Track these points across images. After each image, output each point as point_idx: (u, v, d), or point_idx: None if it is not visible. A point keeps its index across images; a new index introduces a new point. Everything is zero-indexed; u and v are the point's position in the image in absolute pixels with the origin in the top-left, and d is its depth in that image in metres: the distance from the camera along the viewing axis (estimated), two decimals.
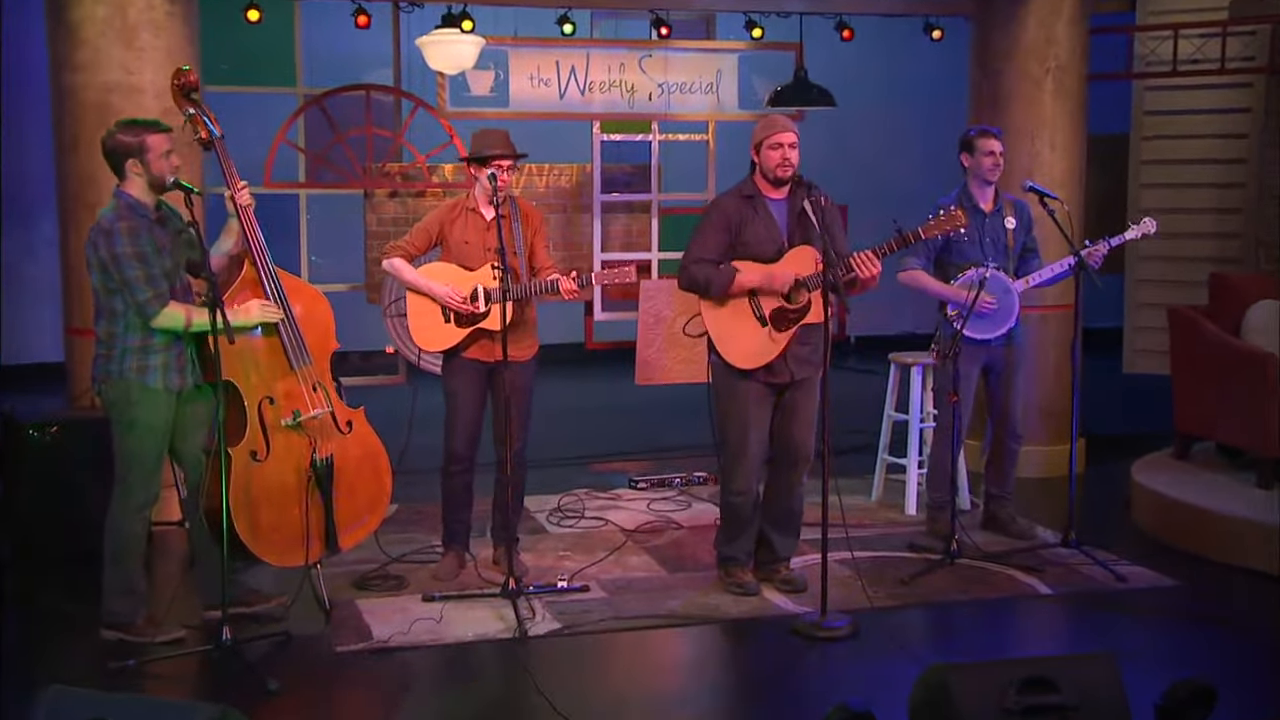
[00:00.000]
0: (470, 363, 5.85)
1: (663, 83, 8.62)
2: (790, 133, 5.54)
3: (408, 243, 5.87)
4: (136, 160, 5.02)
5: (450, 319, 5.80)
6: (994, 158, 6.36)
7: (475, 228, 5.84)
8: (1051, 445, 7.74)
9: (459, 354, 5.86)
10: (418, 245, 5.87)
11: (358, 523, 5.49)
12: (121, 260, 4.93)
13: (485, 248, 5.76)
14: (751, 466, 5.67)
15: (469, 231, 5.83)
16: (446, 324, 5.81)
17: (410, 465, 6.42)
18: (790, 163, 5.51)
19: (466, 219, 5.86)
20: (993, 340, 6.38)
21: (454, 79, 8.32)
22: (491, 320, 5.73)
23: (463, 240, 5.83)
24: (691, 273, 5.57)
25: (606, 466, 8.35)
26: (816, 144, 7.15)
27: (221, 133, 5.28)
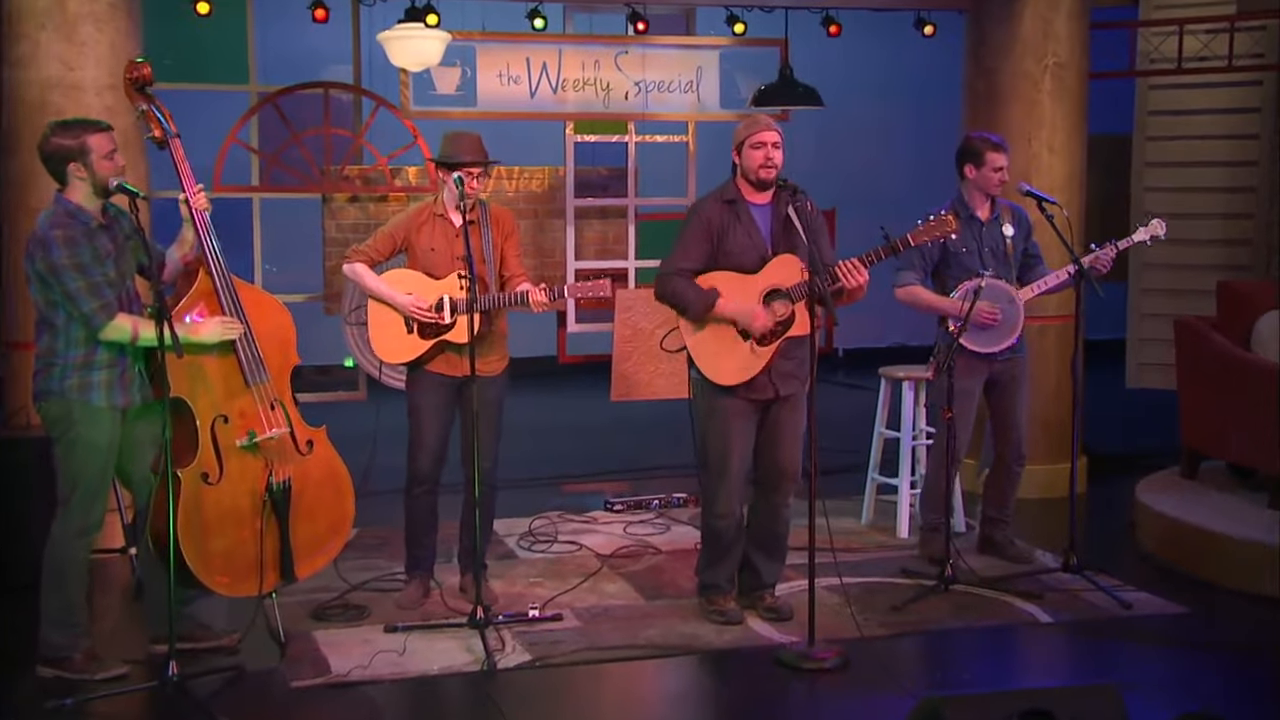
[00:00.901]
0: (435, 377, 5.85)
1: (640, 81, 8.63)
2: (773, 132, 5.56)
3: (370, 247, 5.87)
4: (79, 164, 4.98)
5: (413, 330, 5.80)
6: (1003, 174, 6.39)
7: (443, 234, 5.84)
8: (1051, 464, 7.77)
9: (423, 368, 5.85)
10: (381, 250, 5.87)
11: (317, 549, 5.47)
12: (60, 271, 4.91)
13: (453, 255, 5.76)
14: (734, 487, 5.68)
15: (436, 238, 5.84)
16: (409, 335, 5.80)
17: (373, 487, 6.41)
18: (774, 163, 5.53)
19: (433, 225, 5.86)
20: (996, 354, 6.40)
21: (418, 77, 8.31)
22: (458, 332, 5.73)
23: (429, 247, 5.83)
24: (671, 285, 5.58)
25: (581, 487, 8.34)
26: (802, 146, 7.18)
27: (177, 131, 5.26)
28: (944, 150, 6.57)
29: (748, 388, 5.58)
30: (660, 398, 7.97)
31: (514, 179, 8.82)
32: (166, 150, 5.23)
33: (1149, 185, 9.60)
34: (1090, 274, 6.19)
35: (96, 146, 5.00)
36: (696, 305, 5.52)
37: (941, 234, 5.62)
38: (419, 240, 5.84)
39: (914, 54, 9.76)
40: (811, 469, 5.30)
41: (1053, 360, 7.79)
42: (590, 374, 9.15)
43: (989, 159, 6.39)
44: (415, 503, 5.96)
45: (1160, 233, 6.39)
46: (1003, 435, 6.63)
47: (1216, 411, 7.11)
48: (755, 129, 5.55)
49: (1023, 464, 6.69)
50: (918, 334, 7.59)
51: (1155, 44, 9.13)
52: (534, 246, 8.72)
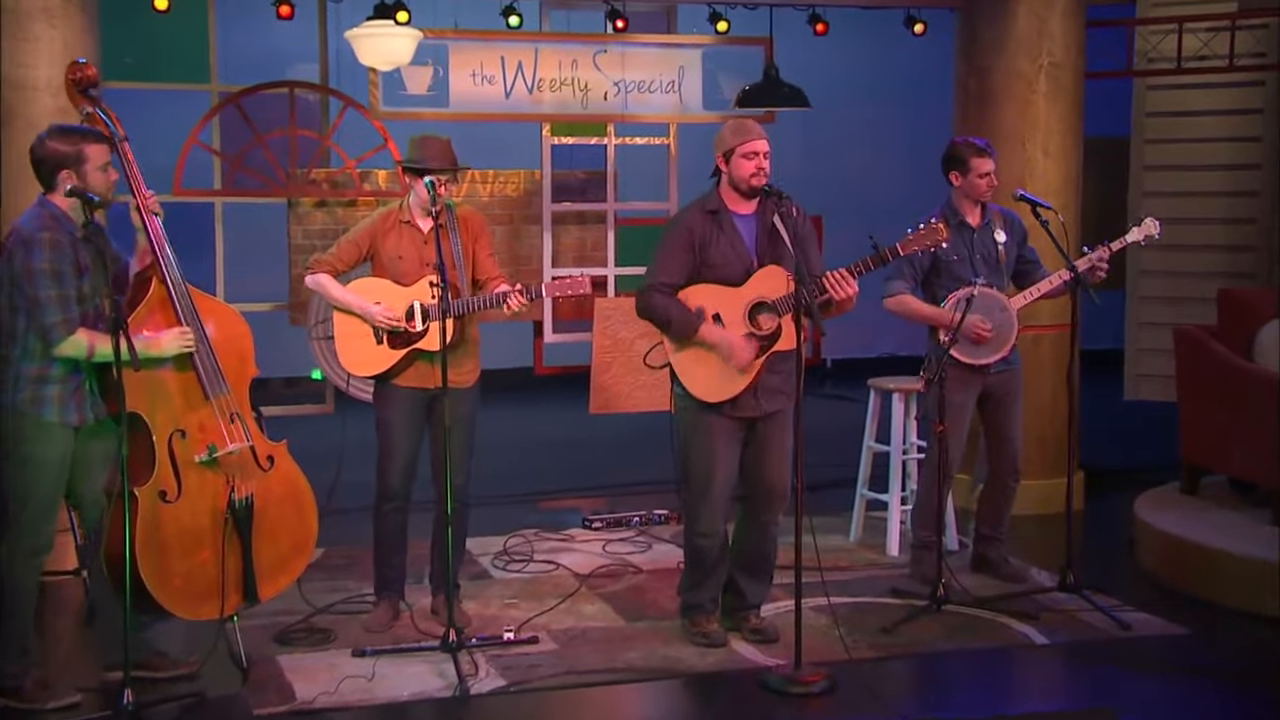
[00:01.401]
0: (405, 390, 5.83)
1: (619, 81, 8.62)
2: (764, 140, 5.56)
3: (334, 257, 5.85)
4: (72, 172, 4.99)
5: (383, 340, 5.78)
6: (990, 179, 6.39)
7: (410, 241, 5.82)
8: (1047, 479, 7.76)
9: (392, 380, 5.83)
10: (345, 260, 5.85)
11: (280, 569, 5.45)
12: (36, 276, 4.89)
13: (422, 262, 5.75)
14: (718, 505, 5.67)
15: (403, 245, 5.82)
16: (379, 345, 5.79)
17: (339, 504, 6.38)
18: (765, 173, 5.52)
19: (400, 231, 5.85)
20: (989, 366, 6.40)
21: (387, 76, 8.28)
22: (430, 340, 5.71)
23: (396, 255, 5.81)
24: (653, 303, 5.57)
25: (558, 504, 8.32)
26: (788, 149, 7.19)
27: (125, 134, 5.25)
28: (936, 153, 6.57)
29: (733, 404, 5.57)
30: (641, 410, 7.96)
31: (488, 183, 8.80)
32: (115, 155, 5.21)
33: (1148, 189, 9.61)
34: (1086, 280, 6.20)
35: (93, 156, 5.03)
36: (679, 328, 5.52)
37: (932, 243, 5.61)
38: (385, 247, 5.83)
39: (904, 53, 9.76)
40: (798, 485, 5.29)
41: (1048, 371, 7.79)
42: (568, 386, 9.13)
43: (974, 165, 6.39)
44: (384, 521, 5.93)
45: (1155, 232, 6.40)
46: (997, 450, 6.63)
47: (1218, 424, 7.12)
48: (747, 137, 5.54)
49: (1018, 479, 6.68)
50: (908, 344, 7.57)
51: (1154, 43, 9.15)
52: (509, 253, 8.69)
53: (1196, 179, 9.48)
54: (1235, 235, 9.39)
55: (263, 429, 5.46)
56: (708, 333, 5.51)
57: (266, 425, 5.52)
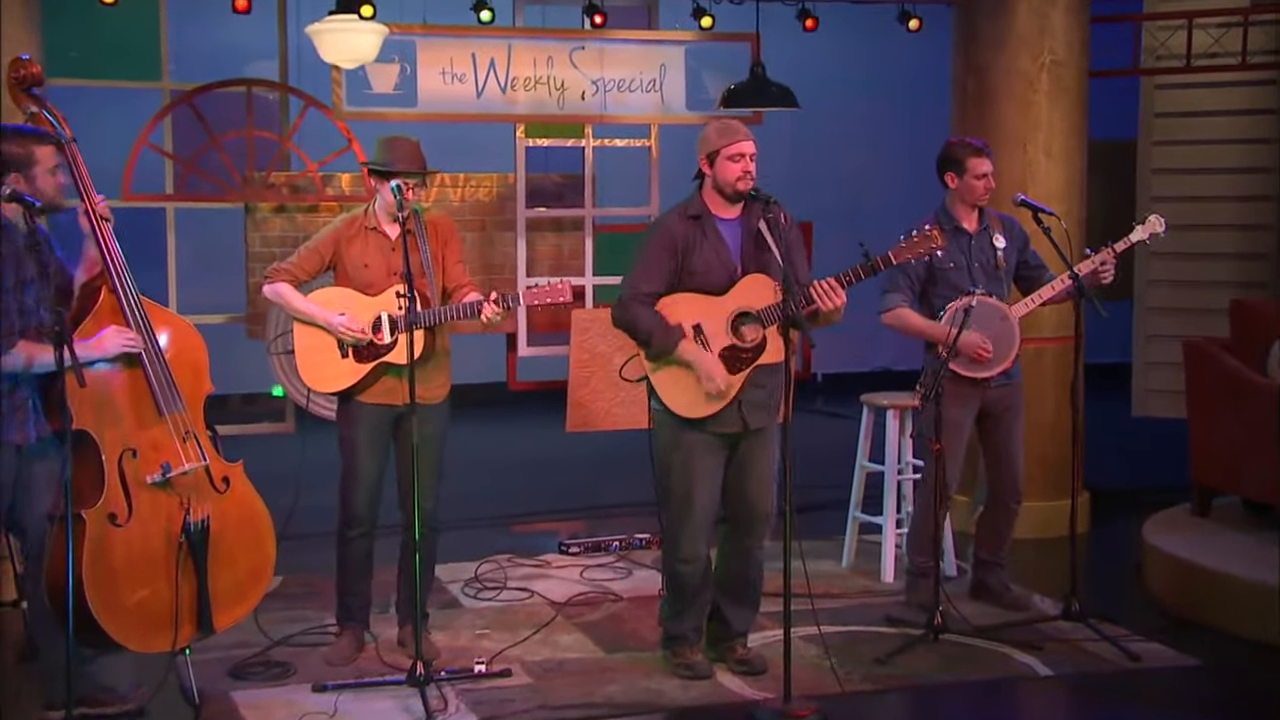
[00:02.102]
0: (371, 407, 5.83)
1: (598, 79, 8.62)
2: (751, 141, 5.56)
3: (294, 265, 5.85)
4: (20, 175, 4.97)
5: (348, 354, 5.77)
6: (987, 181, 6.41)
7: (376, 248, 5.82)
8: (1050, 500, 7.77)
9: (357, 396, 5.82)
10: (307, 268, 5.85)
11: (236, 598, 5.42)
12: None
13: (389, 271, 5.75)
14: (700, 528, 5.66)
15: (369, 252, 5.82)
16: (343, 360, 5.78)
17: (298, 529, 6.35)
18: (752, 177, 5.53)
19: (366, 238, 5.84)
20: (989, 381, 6.41)
21: (351, 74, 8.27)
22: (398, 353, 5.70)
23: (361, 263, 5.81)
24: (630, 314, 5.56)
25: (532, 528, 8.32)
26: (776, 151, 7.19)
27: (72, 135, 5.23)
28: (932, 156, 6.59)
29: (714, 420, 5.56)
30: (620, 428, 7.95)
31: (459, 187, 8.80)
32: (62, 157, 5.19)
33: (1155, 194, 9.64)
34: (1088, 288, 6.21)
35: (43, 159, 5.03)
36: (657, 342, 5.52)
37: (926, 251, 5.61)
38: (349, 255, 5.82)
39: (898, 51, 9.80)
40: (786, 507, 5.28)
41: (1051, 386, 7.80)
42: (543, 402, 9.13)
43: (971, 165, 6.40)
44: (348, 546, 5.92)
45: (1160, 229, 6.43)
46: (997, 470, 6.64)
47: (1230, 442, 7.13)
48: (733, 138, 5.54)
49: (1019, 501, 6.69)
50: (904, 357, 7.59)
51: (1161, 39, 9.19)
52: (481, 261, 8.69)
53: (1207, 183, 9.51)
54: (1248, 242, 9.42)
55: (218, 449, 5.44)
56: (686, 350, 5.51)
57: (222, 445, 5.50)
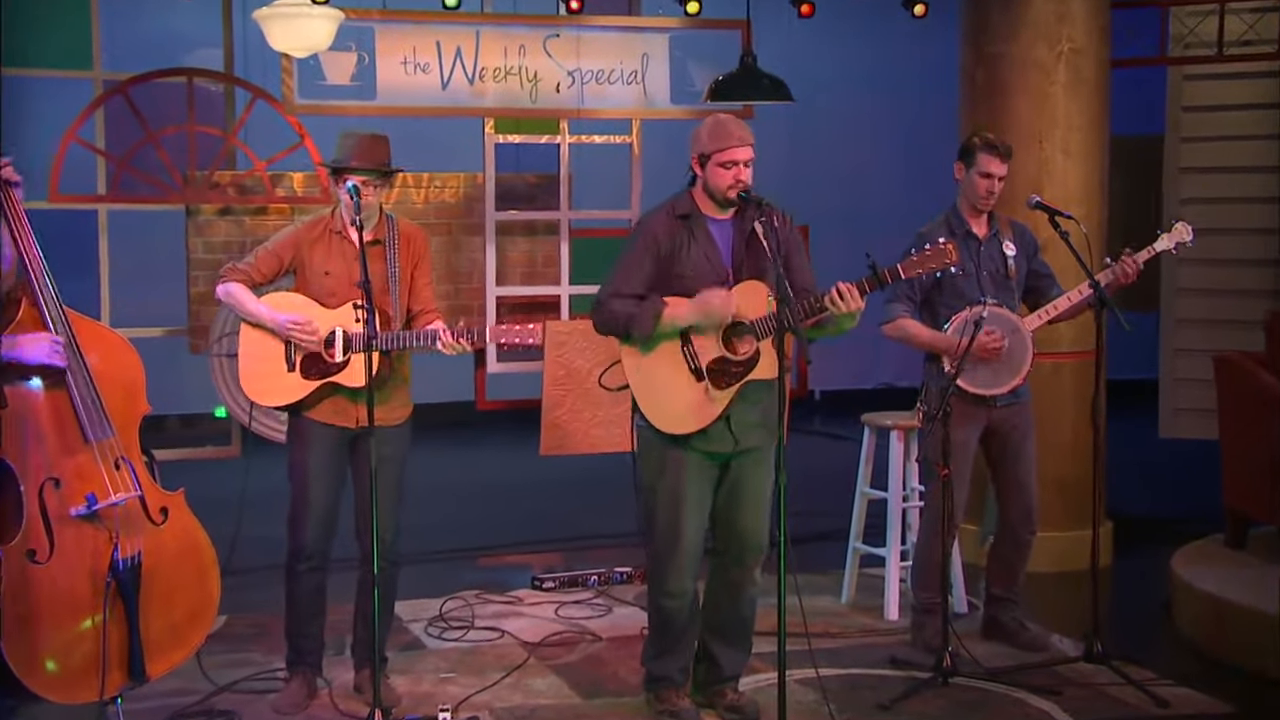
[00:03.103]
0: (322, 428, 5.81)
1: (574, 70, 8.62)
2: (746, 147, 5.53)
3: (250, 266, 5.83)
4: None
5: (295, 367, 5.75)
6: (990, 182, 6.40)
7: (340, 255, 5.80)
8: (1068, 530, 7.77)
9: (305, 414, 5.80)
10: (264, 270, 5.84)
11: (173, 642, 5.38)
12: None
13: (353, 281, 5.72)
14: (687, 560, 5.64)
15: (332, 259, 5.80)
16: (289, 373, 5.76)
17: (245, 563, 6.34)
18: (744, 184, 5.51)
19: (330, 243, 5.83)
20: (997, 398, 6.40)
21: (303, 63, 8.25)
22: (350, 374, 5.69)
23: (323, 270, 5.79)
24: (609, 310, 5.55)
25: (502, 561, 8.31)
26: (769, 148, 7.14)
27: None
28: (937, 154, 6.59)
29: (703, 438, 5.54)
30: (599, 451, 7.94)
31: (422, 188, 8.79)
32: None
33: (1184, 195, 9.66)
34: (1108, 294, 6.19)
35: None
36: (638, 323, 5.48)
37: (939, 266, 5.57)
38: (312, 260, 5.81)
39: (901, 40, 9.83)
40: (781, 537, 5.25)
41: (1070, 405, 7.81)
42: (515, 423, 9.11)
43: (978, 160, 6.41)
44: (298, 581, 5.90)
45: (1187, 238, 6.43)
46: (1009, 497, 6.63)
47: (1267, 466, 7.13)
48: (727, 143, 5.52)
49: (1034, 531, 6.68)
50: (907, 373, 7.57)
51: (1191, 25, 9.21)
52: (446, 268, 8.68)
53: (1240, 183, 9.54)
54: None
55: (155, 475, 5.41)
56: (675, 313, 5.47)
57: (159, 471, 5.47)
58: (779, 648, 5.29)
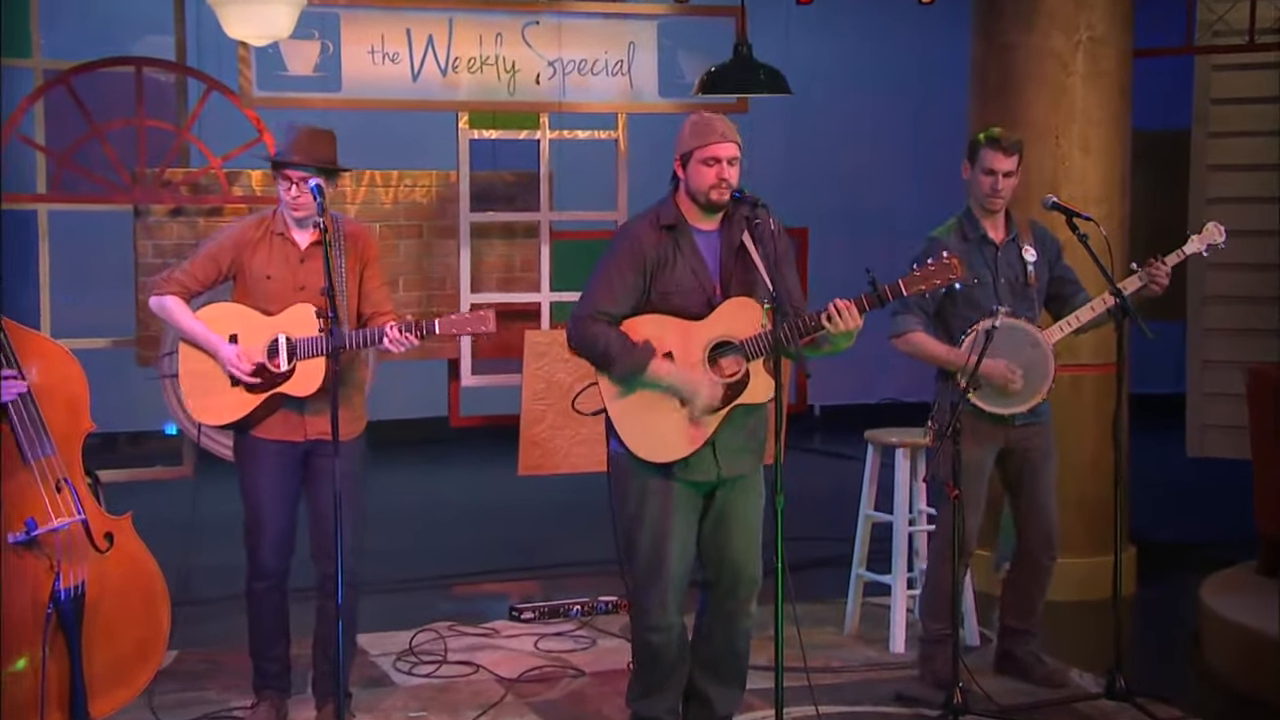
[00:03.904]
0: (271, 444, 5.81)
1: (555, 60, 8.62)
2: (730, 143, 5.50)
3: (186, 275, 5.83)
4: None
5: (239, 380, 5.76)
6: (994, 179, 6.38)
7: (282, 258, 5.81)
8: (1089, 556, 7.75)
9: (252, 431, 5.80)
10: (201, 279, 5.84)
11: (118, 679, 5.39)
12: None
13: (296, 286, 5.76)
14: (672, 591, 5.60)
15: (274, 263, 5.81)
16: (233, 388, 5.77)
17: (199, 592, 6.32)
18: (728, 184, 5.48)
19: (270, 246, 5.83)
20: (1015, 416, 6.39)
21: (262, 53, 8.24)
22: (298, 383, 5.69)
23: (264, 274, 5.80)
24: (589, 333, 5.51)
25: (477, 589, 8.31)
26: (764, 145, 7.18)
27: None
28: (945, 152, 6.58)
29: (685, 466, 5.51)
30: (581, 471, 7.92)
31: (391, 187, 8.77)
32: None
33: (1212, 195, 9.66)
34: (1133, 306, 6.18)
35: None
36: (623, 363, 5.46)
37: (944, 282, 5.53)
38: (252, 265, 5.81)
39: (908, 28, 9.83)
40: (778, 564, 5.23)
41: (1091, 421, 7.80)
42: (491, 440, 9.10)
43: (981, 156, 6.40)
44: (258, 601, 5.92)
45: (1219, 239, 6.42)
46: (1026, 521, 6.62)
47: None
48: (707, 138, 5.50)
49: (1053, 557, 6.67)
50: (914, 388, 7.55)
51: (1219, 12, 9.21)
52: (418, 274, 8.68)
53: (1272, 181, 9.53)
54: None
55: (99, 498, 5.40)
56: (661, 370, 5.45)
57: (104, 493, 5.45)
58: (776, 684, 5.29)
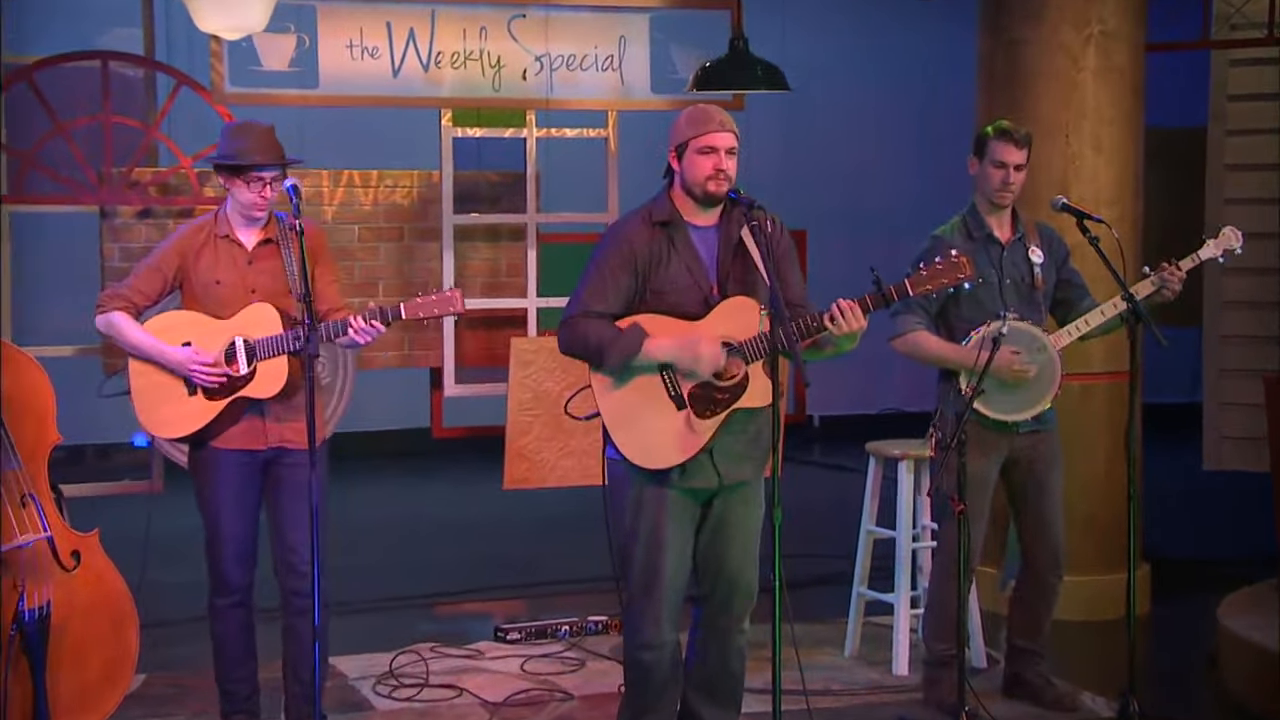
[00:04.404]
0: (230, 454, 5.81)
1: (543, 55, 8.63)
2: (727, 133, 5.52)
3: (131, 290, 5.84)
4: None
5: (197, 390, 5.77)
6: (1005, 171, 6.39)
7: (229, 262, 5.82)
8: (1100, 574, 7.76)
9: (210, 443, 5.81)
10: (147, 291, 5.84)
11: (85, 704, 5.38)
12: None
13: (247, 289, 5.78)
14: (667, 607, 5.61)
15: (220, 267, 5.82)
16: (191, 396, 5.78)
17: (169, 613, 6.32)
18: (727, 176, 5.50)
19: (217, 249, 5.84)
20: (1019, 424, 6.39)
21: (235, 47, 8.25)
22: (260, 386, 5.72)
23: (212, 280, 5.81)
24: (578, 330, 5.53)
25: (461, 609, 8.31)
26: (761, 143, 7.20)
27: None
28: (950, 149, 6.59)
29: (683, 473, 5.53)
30: (570, 485, 7.91)
31: (371, 188, 8.78)
32: None
33: (1230, 195, 9.67)
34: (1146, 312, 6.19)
35: None
36: (613, 351, 5.46)
37: (951, 281, 5.55)
38: (198, 270, 5.82)
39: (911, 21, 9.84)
40: (775, 581, 5.24)
41: (1102, 432, 7.81)
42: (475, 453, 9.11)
43: (991, 148, 6.40)
44: (222, 619, 5.92)
45: (1236, 244, 6.43)
46: (1033, 536, 6.62)
47: None
48: (704, 127, 5.52)
49: (1061, 575, 6.67)
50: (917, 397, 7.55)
51: (1237, 4, 9.23)
52: (398, 278, 8.68)
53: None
54: None
55: (65, 515, 5.39)
56: (656, 349, 5.45)
57: (70, 510, 5.45)
58: (774, 707, 5.30)
